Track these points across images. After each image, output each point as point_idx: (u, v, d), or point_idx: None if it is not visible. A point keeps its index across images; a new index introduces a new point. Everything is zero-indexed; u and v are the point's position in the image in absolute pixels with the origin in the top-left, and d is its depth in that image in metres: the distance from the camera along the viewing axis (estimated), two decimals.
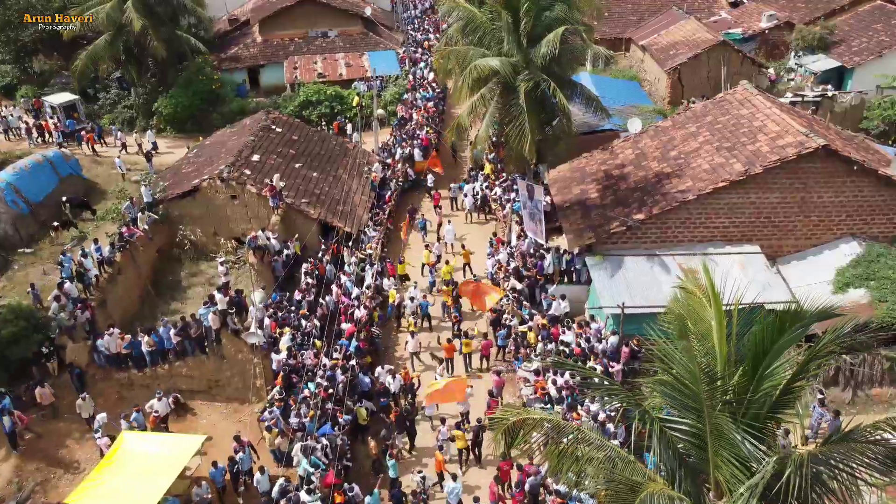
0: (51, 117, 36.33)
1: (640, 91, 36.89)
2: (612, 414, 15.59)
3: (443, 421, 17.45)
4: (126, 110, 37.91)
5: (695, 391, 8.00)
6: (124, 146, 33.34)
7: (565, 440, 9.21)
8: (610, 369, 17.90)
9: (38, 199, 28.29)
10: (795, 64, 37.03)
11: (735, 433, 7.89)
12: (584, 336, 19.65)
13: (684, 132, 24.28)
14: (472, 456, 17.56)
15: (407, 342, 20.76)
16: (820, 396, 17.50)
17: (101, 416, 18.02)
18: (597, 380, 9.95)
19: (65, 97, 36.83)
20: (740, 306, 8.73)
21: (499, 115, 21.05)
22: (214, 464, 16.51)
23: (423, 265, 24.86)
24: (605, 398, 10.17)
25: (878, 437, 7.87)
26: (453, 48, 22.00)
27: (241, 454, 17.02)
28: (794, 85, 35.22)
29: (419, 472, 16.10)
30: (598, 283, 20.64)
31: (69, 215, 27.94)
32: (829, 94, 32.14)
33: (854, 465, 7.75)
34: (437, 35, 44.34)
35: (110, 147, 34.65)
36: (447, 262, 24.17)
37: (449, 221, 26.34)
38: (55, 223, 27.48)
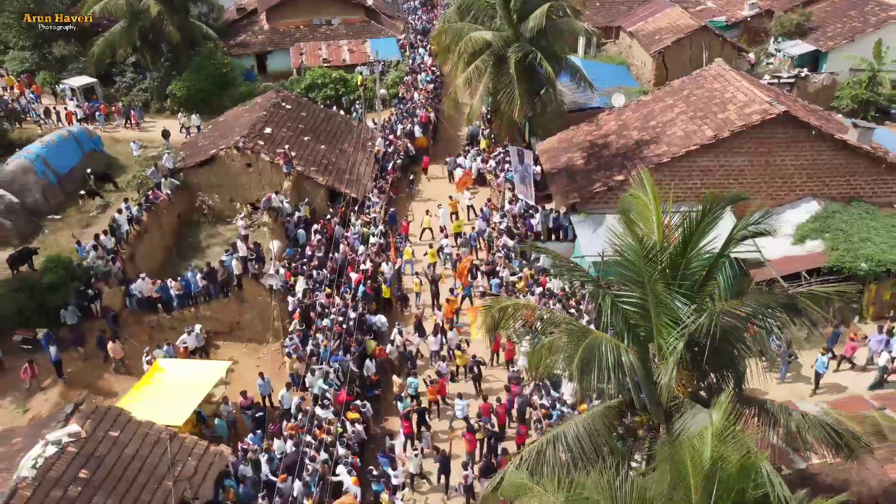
0: (70, 99, 38.52)
1: (628, 74, 39.06)
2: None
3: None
4: (141, 93, 40.06)
5: (637, 266, 10.14)
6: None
7: (540, 321, 11.39)
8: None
9: (64, 171, 30.41)
10: (775, 49, 39.22)
11: (669, 297, 10.06)
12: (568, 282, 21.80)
13: (663, 105, 26.45)
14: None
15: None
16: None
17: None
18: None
19: (84, 80, 38.99)
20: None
21: (492, 85, 23.23)
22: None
23: (423, 229, 27.02)
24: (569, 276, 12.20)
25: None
26: (450, 25, 24.19)
27: (259, 381, 19.28)
28: (772, 68, 37.40)
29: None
30: (581, 237, 22.81)
31: (93, 186, 30.11)
32: (803, 74, 34.30)
33: (762, 317, 9.92)
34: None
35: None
36: (456, 217, 26.23)
37: (439, 206, 27.50)
38: (81, 192, 29.69)
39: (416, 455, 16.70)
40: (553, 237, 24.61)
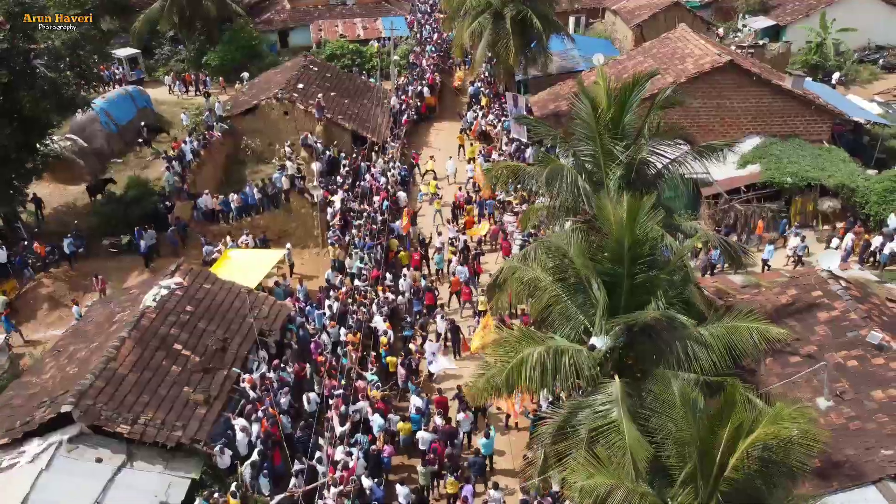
0: (117, 68, 43.47)
1: (612, 47, 44.03)
2: None
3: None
4: (178, 63, 45.02)
5: (591, 124, 15.09)
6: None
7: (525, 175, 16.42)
8: None
9: (123, 123, 35.41)
10: (741, 24, 44.33)
11: (612, 145, 15.02)
12: None
13: (634, 61, 31.47)
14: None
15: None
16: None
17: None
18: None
19: (129, 51, 43.94)
20: None
21: (491, 38, 28.31)
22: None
23: (426, 171, 31.81)
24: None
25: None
26: None
27: (298, 286, 24.16)
28: (737, 40, 42.46)
29: None
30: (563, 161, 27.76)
31: (146, 137, 35.12)
32: (761, 43, 39.33)
33: (675, 159, 14.91)
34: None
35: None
36: (471, 144, 31.25)
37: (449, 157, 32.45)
38: (139, 140, 34.70)
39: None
40: None
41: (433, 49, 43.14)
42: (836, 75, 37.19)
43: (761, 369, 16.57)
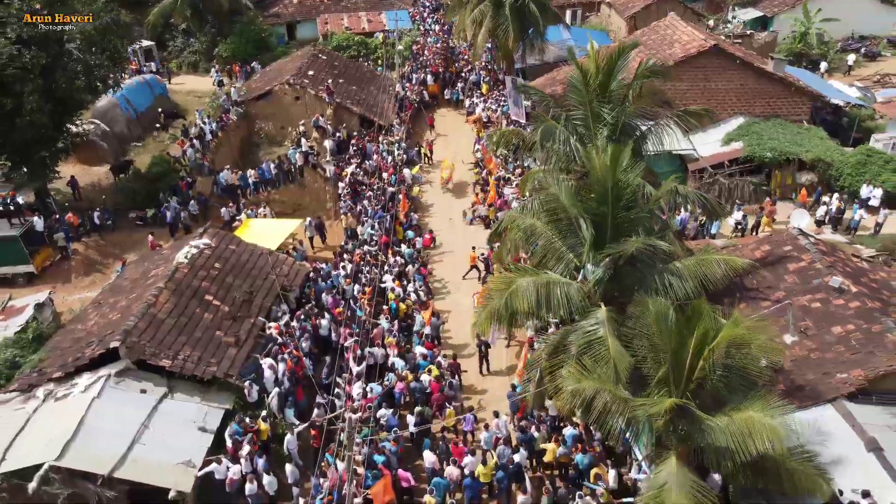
0: (133, 59, 45.30)
1: (607, 38, 45.90)
2: None
3: None
4: (191, 55, 46.91)
5: (582, 90, 16.97)
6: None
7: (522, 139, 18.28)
8: None
9: (142, 109, 37.34)
10: (731, 16, 46.24)
11: (600, 108, 16.89)
12: None
13: None
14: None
15: None
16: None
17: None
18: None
19: (145, 43, 45.83)
20: None
21: (491, 25, 30.26)
22: None
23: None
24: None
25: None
26: None
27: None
28: (727, 31, 44.34)
29: None
30: None
31: (163, 123, 37.04)
32: (748, 33, 41.25)
33: (656, 122, 16.80)
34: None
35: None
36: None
37: None
38: (157, 125, 36.61)
39: None
40: None
41: (435, 40, 45.00)
42: (851, 57, 40.08)
43: (734, 314, 18.45)
